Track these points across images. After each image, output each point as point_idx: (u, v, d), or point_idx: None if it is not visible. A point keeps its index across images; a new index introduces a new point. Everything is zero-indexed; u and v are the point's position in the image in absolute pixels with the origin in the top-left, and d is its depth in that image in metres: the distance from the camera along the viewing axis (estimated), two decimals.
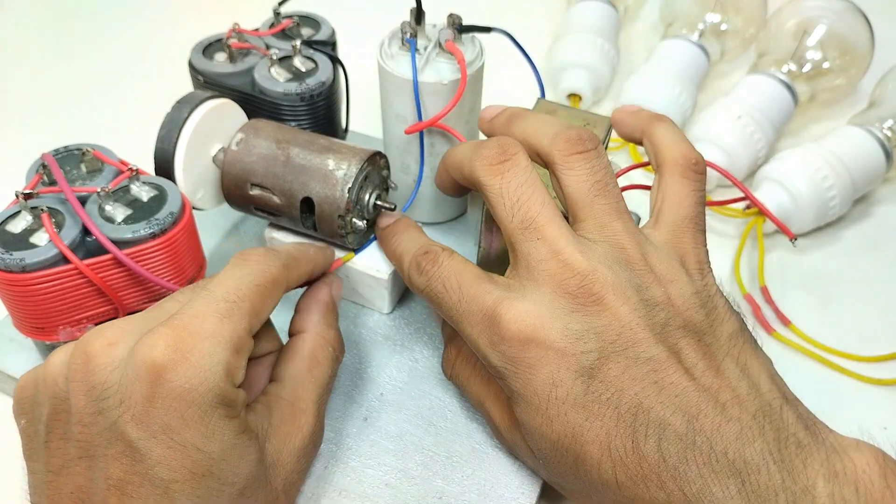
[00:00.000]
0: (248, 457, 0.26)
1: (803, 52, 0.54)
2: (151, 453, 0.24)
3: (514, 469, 0.33)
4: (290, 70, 0.41)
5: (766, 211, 0.37)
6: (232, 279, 0.28)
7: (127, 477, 0.25)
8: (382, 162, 0.38)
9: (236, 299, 0.27)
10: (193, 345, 0.25)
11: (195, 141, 0.36)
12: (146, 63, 0.64)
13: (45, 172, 0.34)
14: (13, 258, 0.30)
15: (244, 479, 0.26)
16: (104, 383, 0.25)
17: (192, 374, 0.25)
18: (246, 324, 0.27)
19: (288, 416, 0.29)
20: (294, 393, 0.30)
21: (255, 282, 0.29)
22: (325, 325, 0.33)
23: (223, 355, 0.26)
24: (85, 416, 0.25)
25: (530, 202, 0.29)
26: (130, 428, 0.25)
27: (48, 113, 0.59)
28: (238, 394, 0.27)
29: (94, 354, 0.26)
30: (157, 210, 0.33)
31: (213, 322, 0.26)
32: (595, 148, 0.30)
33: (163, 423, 0.25)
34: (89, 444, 0.25)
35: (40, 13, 0.70)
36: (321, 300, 0.34)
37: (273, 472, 0.28)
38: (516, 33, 0.40)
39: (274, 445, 0.28)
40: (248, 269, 0.29)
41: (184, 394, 0.25)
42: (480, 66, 0.38)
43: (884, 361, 0.41)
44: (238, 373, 0.27)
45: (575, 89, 0.56)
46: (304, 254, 0.33)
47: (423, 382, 0.37)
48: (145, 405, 0.25)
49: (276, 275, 0.30)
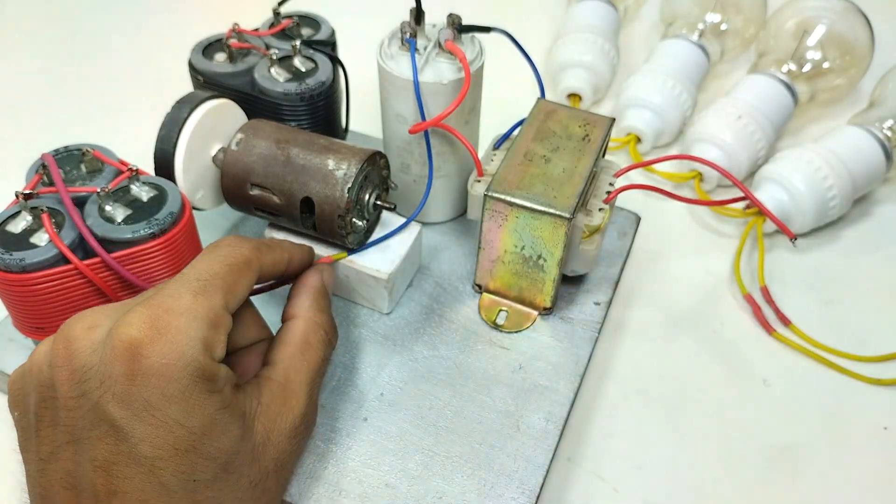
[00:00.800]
0: (229, 432, 0.26)
1: (803, 52, 0.54)
2: (134, 431, 0.25)
3: (514, 469, 0.33)
4: (290, 70, 0.41)
5: (766, 211, 0.37)
6: (203, 262, 0.29)
7: (112, 457, 0.25)
8: (382, 162, 0.38)
9: (208, 277, 0.28)
10: (169, 321, 0.26)
11: (195, 141, 0.36)
12: (146, 63, 0.64)
13: (44, 172, 0.34)
14: (13, 258, 0.30)
15: (226, 454, 0.26)
16: (85, 366, 0.25)
17: (169, 350, 0.25)
18: (220, 299, 0.28)
19: (279, 397, 0.29)
20: (286, 375, 0.30)
21: (226, 261, 0.29)
22: (316, 309, 0.33)
23: (200, 330, 0.26)
24: (69, 401, 0.26)
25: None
26: (112, 407, 0.25)
27: (48, 113, 0.59)
28: (219, 368, 0.27)
29: (74, 338, 0.26)
30: (156, 210, 0.33)
31: (188, 299, 0.27)
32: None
33: (144, 401, 0.25)
34: (75, 428, 0.26)
35: (40, 13, 0.70)
36: (312, 285, 0.34)
37: (263, 451, 0.28)
38: (516, 33, 0.40)
39: (263, 424, 0.28)
40: (218, 251, 0.30)
41: (162, 369, 0.25)
42: (480, 66, 0.38)
43: (884, 361, 0.41)
44: (217, 347, 0.27)
45: (575, 89, 0.56)
46: (278, 243, 0.34)
47: (423, 382, 0.37)
48: (125, 383, 0.25)
49: (247, 255, 0.30)
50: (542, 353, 0.38)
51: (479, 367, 0.37)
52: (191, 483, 0.25)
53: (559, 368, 0.37)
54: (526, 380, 0.37)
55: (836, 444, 0.38)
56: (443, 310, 0.40)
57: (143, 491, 0.25)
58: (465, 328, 0.39)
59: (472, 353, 0.38)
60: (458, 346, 0.38)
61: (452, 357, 0.38)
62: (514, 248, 0.37)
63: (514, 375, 0.37)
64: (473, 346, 0.38)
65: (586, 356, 0.38)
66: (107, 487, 0.25)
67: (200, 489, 0.26)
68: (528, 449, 0.34)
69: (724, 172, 0.36)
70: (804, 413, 0.39)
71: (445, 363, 0.37)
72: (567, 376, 0.37)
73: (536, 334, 0.39)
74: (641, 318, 0.44)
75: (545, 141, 0.38)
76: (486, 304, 0.40)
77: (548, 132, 0.38)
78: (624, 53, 0.62)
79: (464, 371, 0.37)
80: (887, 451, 0.38)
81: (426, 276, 0.42)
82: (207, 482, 0.26)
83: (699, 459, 0.37)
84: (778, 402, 0.40)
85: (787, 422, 0.39)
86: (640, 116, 0.53)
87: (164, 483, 0.25)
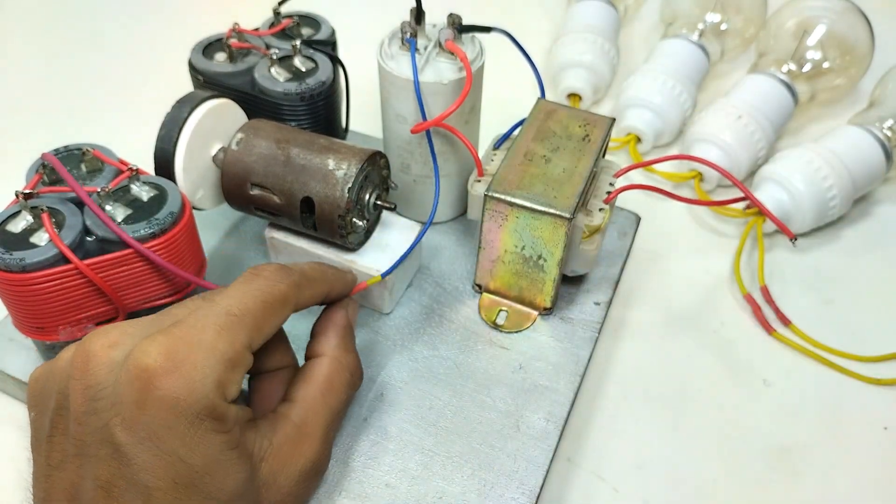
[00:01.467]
0: (234, 474, 0.26)
1: (803, 52, 0.54)
2: (137, 459, 0.25)
3: (514, 469, 0.33)
4: (290, 70, 0.41)
5: (766, 211, 0.37)
6: (238, 293, 0.28)
7: (113, 479, 0.25)
8: (382, 162, 0.38)
9: (238, 313, 0.27)
10: (186, 355, 0.25)
11: (195, 141, 0.36)
12: (146, 63, 0.64)
13: (45, 172, 0.34)
14: (13, 258, 0.30)
15: (228, 495, 0.26)
16: (99, 384, 0.25)
17: (181, 385, 0.25)
18: (244, 339, 0.27)
19: (292, 439, 0.29)
20: (303, 416, 0.30)
21: (262, 298, 0.28)
22: (343, 349, 0.32)
23: (216, 368, 0.26)
24: (80, 415, 0.26)
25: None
26: (119, 431, 0.25)
27: (48, 113, 0.59)
28: (229, 409, 0.26)
29: (93, 354, 0.26)
30: (157, 210, 0.33)
31: (211, 334, 0.26)
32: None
33: (149, 430, 0.25)
34: (83, 443, 0.26)
35: (40, 13, 0.70)
36: (339, 324, 0.33)
37: (265, 493, 0.28)
38: (516, 33, 0.40)
39: (270, 466, 0.28)
40: (257, 284, 0.29)
41: (172, 403, 0.25)
42: (481, 66, 0.38)
43: (884, 361, 0.41)
44: (231, 388, 0.26)
45: (575, 89, 0.56)
46: (322, 273, 0.33)
47: (423, 382, 0.37)
48: (135, 410, 0.25)
49: (286, 292, 0.29)
50: (542, 353, 0.38)
51: (479, 367, 0.37)
52: None
53: (559, 368, 0.37)
54: (526, 380, 0.37)
55: (836, 444, 0.38)
56: (443, 310, 0.40)
57: None
58: (465, 328, 0.39)
59: (472, 353, 0.38)
60: (458, 346, 0.38)
61: (452, 357, 0.38)
62: (515, 248, 0.37)
63: (514, 375, 0.37)
64: (473, 346, 0.38)
65: (586, 356, 0.38)
66: None
67: None
68: (528, 449, 0.34)
69: (724, 172, 0.36)
70: (804, 413, 0.39)
71: (445, 363, 0.37)
72: (567, 376, 0.37)
73: (536, 334, 0.39)
74: (641, 318, 0.44)
75: (545, 141, 0.38)
76: (486, 304, 0.40)
77: (548, 132, 0.38)
78: (624, 53, 0.62)
79: (464, 371, 0.37)
80: (887, 451, 0.38)
81: (426, 276, 0.42)
82: None
83: (699, 459, 0.37)
84: (778, 402, 0.40)
85: (787, 422, 0.39)
86: (640, 116, 0.53)
87: None
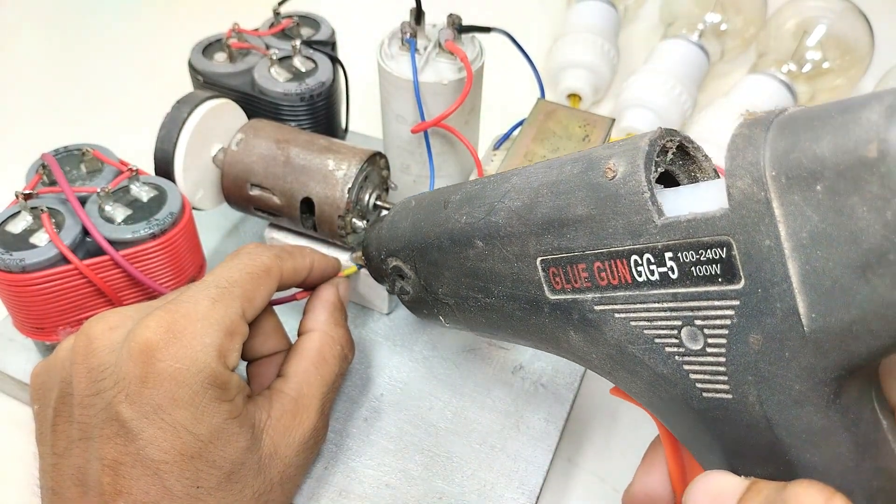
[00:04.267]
0: (237, 442, 0.27)
1: (803, 53, 0.54)
2: (143, 433, 0.25)
3: (514, 469, 0.33)
4: (290, 70, 0.41)
5: None
6: (224, 269, 0.29)
7: (120, 457, 0.25)
8: (382, 162, 0.38)
9: (227, 284, 0.28)
10: (185, 326, 0.26)
11: (195, 141, 0.36)
12: (146, 63, 0.64)
13: (45, 172, 0.34)
14: (13, 258, 0.30)
15: (231, 464, 0.26)
16: (102, 365, 0.26)
17: (183, 355, 0.25)
18: (237, 307, 0.28)
19: (289, 410, 0.29)
20: (298, 389, 0.30)
21: (247, 270, 0.29)
22: (332, 323, 0.33)
23: (215, 337, 0.26)
24: (84, 398, 0.26)
25: None
26: (124, 408, 0.25)
27: (48, 113, 0.59)
28: (231, 377, 0.27)
29: (94, 337, 0.26)
30: (156, 210, 0.33)
31: (206, 305, 0.27)
32: None
33: (154, 404, 0.25)
34: (87, 426, 0.26)
35: (40, 13, 0.70)
36: (328, 300, 0.34)
37: (269, 463, 0.28)
38: (516, 33, 0.40)
39: (271, 437, 0.28)
40: (240, 259, 0.30)
41: (175, 374, 0.25)
42: (481, 66, 0.38)
43: None
44: (231, 355, 0.27)
45: (575, 89, 0.56)
46: (299, 248, 0.34)
47: (423, 383, 0.37)
48: (138, 385, 0.25)
49: (268, 263, 0.30)
50: (541, 353, 0.38)
51: (478, 367, 0.37)
52: (194, 489, 0.25)
53: (559, 368, 0.37)
54: (526, 380, 0.37)
55: None
56: None
57: (147, 493, 0.25)
58: None
59: (472, 354, 0.38)
60: (458, 346, 0.38)
61: (452, 357, 0.38)
62: None
63: (514, 375, 0.37)
64: (473, 347, 0.38)
65: None
66: (113, 487, 0.25)
67: (203, 496, 0.26)
68: (528, 449, 0.34)
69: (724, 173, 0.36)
70: None
71: (445, 363, 0.37)
72: (567, 376, 0.37)
73: None
74: None
75: (545, 141, 0.38)
76: None
77: (548, 132, 0.38)
78: (624, 53, 0.62)
79: (464, 371, 0.37)
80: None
81: None
82: (211, 490, 0.26)
83: None
84: None
85: None
86: (641, 117, 0.53)
87: (168, 487, 0.25)
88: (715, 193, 0.19)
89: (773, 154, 0.17)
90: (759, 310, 0.18)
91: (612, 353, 0.22)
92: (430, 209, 0.28)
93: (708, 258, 0.19)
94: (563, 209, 0.22)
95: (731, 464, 0.20)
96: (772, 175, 0.17)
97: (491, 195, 0.25)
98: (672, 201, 0.20)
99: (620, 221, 0.20)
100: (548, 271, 0.23)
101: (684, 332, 0.20)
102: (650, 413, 0.23)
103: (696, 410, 0.20)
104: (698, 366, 0.20)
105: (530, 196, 0.23)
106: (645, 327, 0.21)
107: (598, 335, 0.22)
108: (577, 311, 0.23)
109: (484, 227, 0.25)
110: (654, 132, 0.21)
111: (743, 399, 0.19)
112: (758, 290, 0.18)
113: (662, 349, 0.21)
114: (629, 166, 0.20)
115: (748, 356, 0.18)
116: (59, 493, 0.26)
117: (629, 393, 0.23)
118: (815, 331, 0.17)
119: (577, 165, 0.22)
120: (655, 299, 0.20)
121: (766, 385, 0.18)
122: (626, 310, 0.21)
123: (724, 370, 0.19)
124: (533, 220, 0.23)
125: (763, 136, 0.17)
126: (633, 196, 0.20)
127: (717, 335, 0.19)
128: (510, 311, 0.25)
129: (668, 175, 0.22)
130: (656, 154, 0.21)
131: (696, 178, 0.23)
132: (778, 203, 0.17)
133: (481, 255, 0.25)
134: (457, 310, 0.28)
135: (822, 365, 0.17)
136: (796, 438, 0.18)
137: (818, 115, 0.17)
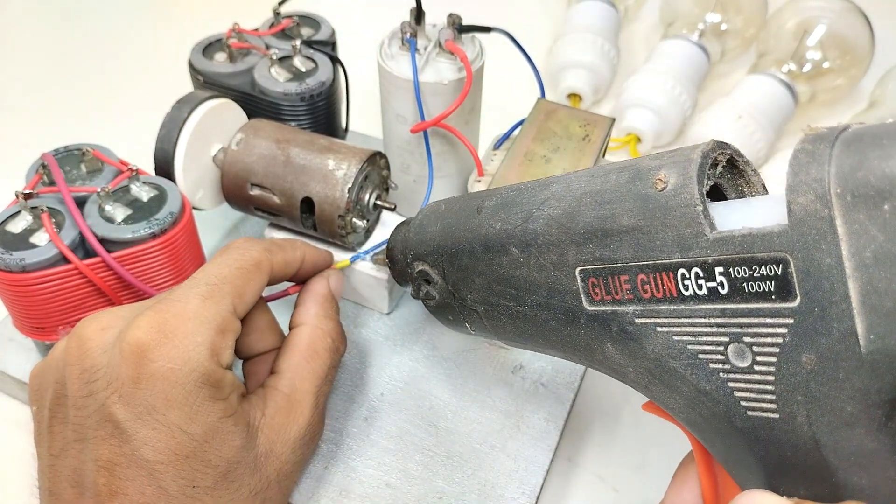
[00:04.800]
0: (232, 441, 0.26)
1: (803, 52, 0.54)
2: (137, 434, 0.25)
3: (514, 469, 0.33)
4: (290, 70, 0.41)
5: None
6: (213, 266, 0.29)
7: (115, 458, 0.25)
8: (382, 162, 0.38)
9: (217, 281, 0.28)
10: (176, 325, 0.26)
11: (195, 141, 0.36)
12: (146, 63, 0.64)
13: (45, 172, 0.34)
14: (13, 258, 0.30)
15: (226, 463, 0.26)
16: (94, 366, 0.26)
17: (175, 354, 0.25)
18: (228, 304, 0.28)
19: (283, 407, 0.29)
20: (291, 384, 0.30)
21: (237, 265, 0.29)
22: (323, 316, 0.33)
23: (206, 335, 0.26)
24: (78, 399, 0.26)
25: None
26: (117, 409, 0.25)
27: (48, 113, 0.59)
28: (224, 375, 0.27)
29: (87, 338, 0.26)
30: (156, 210, 0.33)
31: (196, 303, 0.27)
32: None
33: (148, 404, 0.25)
34: (82, 427, 0.26)
35: (40, 13, 0.70)
36: (318, 292, 0.34)
37: (265, 461, 0.28)
38: (516, 33, 0.40)
39: (267, 435, 0.28)
40: (229, 254, 0.30)
41: (168, 373, 0.25)
42: (481, 66, 0.38)
43: None
44: (224, 353, 0.27)
45: (575, 89, 0.56)
46: (290, 242, 0.34)
47: (423, 382, 0.37)
48: (131, 386, 0.25)
49: (258, 257, 0.30)
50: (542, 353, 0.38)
51: (478, 366, 0.37)
52: (190, 489, 0.25)
53: (559, 368, 0.37)
54: (526, 379, 0.37)
55: None
56: None
57: (142, 494, 0.25)
58: None
59: (472, 353, 0.38)
60: (458, 346, 0.38)
61: (452, 357, 0.38)
62: None
63: (514, 375, 0.37)
64: (473, 347, 0.38)
65: None
66: (108, 488, 0.25)
67: (200, 496, 0.26)
68: (528, 449, 0.34)
69: None
70: None
71: (445, 363, 0.37)
72: (567, 376, 0.37)
73: None
74: None
75: (545, 141, 0.38)
76: None
77: (548, 132, 0.38)
78: (624, 53, 0.62)
79: (464, 371, 0.37)
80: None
81: None
82: (207, 489, 0.26)
83: None
84: None
85: None
86: (641, 116, 0.53)
87: (163, 487, 0.25)
88: (769, 209, 0.19)
89: (839, 171, 0.17)
90: (814, 329, 0.17)
91: (651, 368, 0.22)
92: (462, 214, 0.28)
93: (762, 275, 0.18)
94: (608, 219, 0.21)
95: (771, 483, 0.20)
96: (836, 192, 0.16)
97: (529, 202, 0.25)
98: (723, 215, 0.20)
99: (669, 234, 0.20)
100: (587, 282, 0.22)
101: (731, 348, 0.19)
102: (685, 430, 0.23)
103: (738, 429, 0.20)
104: (744, 383, 0.19)
105: (572, 204, 0.23)
106: (689, 342, 0.20)
107: (638, 349, 0.22)
108: (616, 323, 0.22)
109: (520, 235, 0.24)
110: (707, 144, 0.21)
111: (791, 419, 0.19)
112: (814, 309, 0.17)
113: (706, 365, 0.20)
114: (681, 178, 0.20)
115: (799, 375, 0.18)
116: (56, 494, 0.26)
117: (666, 408, 0.23)
118: (872, 352, 0.17)
119: (622, 175, 0.22)
120: (702, 314, 0.20)
121: (816, 405, 0.18)
122: (669, 324, 0.21)
123: (773, 389, 0.19)
124: (574, 228, 0.22)
125: (828, 152, 0.17)
126: (685, 208, 0.20)
127: (766, 353, 0.19)
128: (543, 321, 0.25)
129: (715, 188, 0.22)
130: (708, 167, 0.20)
131: (744, 193, 0.22)
132: (842, 221, 0.16)
133: (516, 262, 0.25)
134: (485, 317, 0.28)
135: (876, 387, 0.17)
136: (844, 460, 0.18)
137: (887, 132, 0.16)
